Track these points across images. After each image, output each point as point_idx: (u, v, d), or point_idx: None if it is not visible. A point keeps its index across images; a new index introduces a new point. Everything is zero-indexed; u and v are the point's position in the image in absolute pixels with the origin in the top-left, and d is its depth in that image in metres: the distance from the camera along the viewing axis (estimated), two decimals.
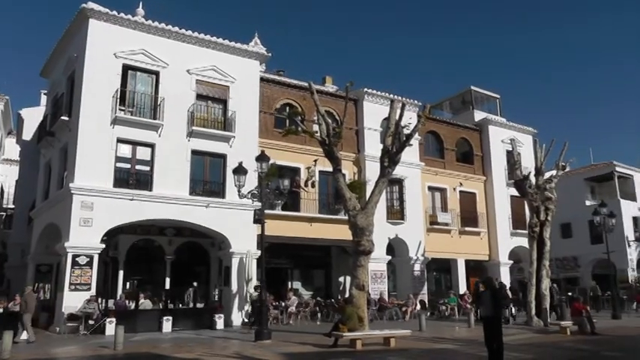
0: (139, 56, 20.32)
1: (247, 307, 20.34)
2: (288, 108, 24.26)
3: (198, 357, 11.95)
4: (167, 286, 21.65)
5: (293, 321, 20.99)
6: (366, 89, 26.64)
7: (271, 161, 17.18)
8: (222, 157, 21.38)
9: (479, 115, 33.16)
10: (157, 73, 20.69)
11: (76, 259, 17.80)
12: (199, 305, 20.69)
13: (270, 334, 14.90)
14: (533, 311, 20.59)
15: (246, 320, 19.96)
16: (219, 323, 18.97)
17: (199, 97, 21.46)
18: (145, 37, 20.59)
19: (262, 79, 23.73)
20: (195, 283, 21.52)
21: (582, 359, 12.36)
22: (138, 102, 20.24)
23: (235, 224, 20.55)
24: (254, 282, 20.21)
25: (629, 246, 37.25)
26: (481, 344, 11.15)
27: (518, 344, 14.38)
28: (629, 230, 37.87)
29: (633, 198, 40.00)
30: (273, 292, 21.65)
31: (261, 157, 16.27)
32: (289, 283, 25.03)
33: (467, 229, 29.31)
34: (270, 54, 23.65)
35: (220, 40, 22.18)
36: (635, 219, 39.26)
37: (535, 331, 18.39)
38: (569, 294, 26.22)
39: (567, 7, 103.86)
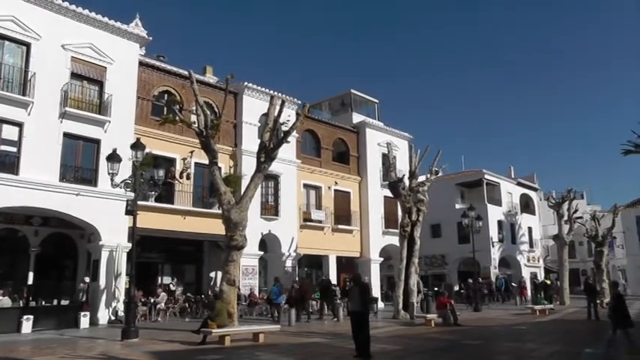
0: (8, 24, 18.44)
1: (115, 304, 19.33)
2: (166, 95, 23.34)
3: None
4: (30, 281, 19.85)
5: (162, 318, 20.34)
6: (246, 83, 26.36)
7: (147, 150, 16.44)
8: (96, 142, 20.12)
9: (357, 118, 34.17)
10: (28, 45, 18.99)
11: None
12: (64, 302, 19.23)
13: (137, 332, 14.26)
14: (400, 305, 21.69)
15: (113, 318, 18.95)
16: (85, 322, 17.80)
17: (74, 76, 20.01)
18: (15, 3, 18.74)
19: (141, 64, 22.67)
20: (87, 279, 19.79)
21: (445, 348, 13.01)
22: (5, 75, 18.43)
23: (106, 215, 19.41)
24: (123, 277, 19.22)
25: (493, 246, 40.66)
26: (349, 337, 11.43)
27: (385, 336, 14.99)
28: (493, 232, 41.33)
29: (499, 203, 43.68)
30: (142, 287, 20.71)
31: (137, 145, 15.56)
32: (159, 278, 24.09)
33: (340, 226, 30.07)
34: (150, 37, 22.65)
35: (100, 17, 20.83)
36: (499, 222, 42.95)
37: (402, 324, 19.32)
38: (436, 289, 27.96)
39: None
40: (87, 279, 19.93)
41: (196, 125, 15.98)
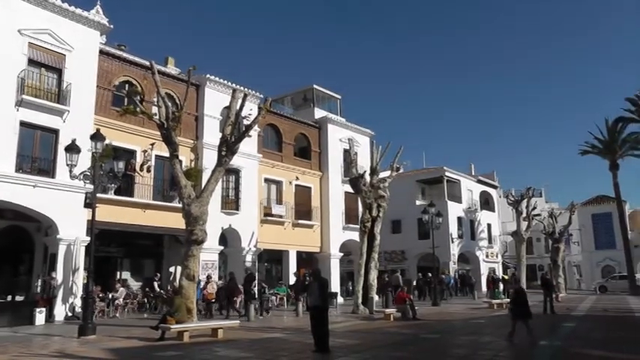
0: None
1: (72, 300, 18.88)
2: (127, 86, 22.79)
3: (13, 359, 10.54)
4: None
5: (120, 314, 20.03)
6: (208, 75, 26.02)
7: (107, 141, 16.17)
8: (55, 132, 19.49)
9: (319, 113, 34.19)
10: None
11: None
12: (19, 298, 18.62)
13: (95, 328, 13.99)
14: (360, 300, 21.93)
15: (70, 314, 18.52)
16: (40, 318, 17.29)
17: (31, 62, 19.32)
18: None
19: (102, 52, 22.08)
20: (53, 274, 18.95)
21: (403, 342, 13.22)
22: None
23: (64, 207, 18.88)
24: (81, 272, 18.79)
25: (453, 242, 41.55)
26: (308, 332, 11.56)
27: (344, 331, 15.17)
28: (453, 228, 42.24)
29: (459, 200, 44.64)
30: (100, 282, 20.32)
31: (96, 136, 15.19)
32: (118, 273, 23.65)
33: (300, 221, 30.05)
34: (112, 25, 22.13)
35: (59, 2, 20.15)
36: (459, 219, 43.92)
37: (361, 319, 19.54)
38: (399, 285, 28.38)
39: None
40: (54, 274, 19.02)
41: (157, 117, 15.77)
